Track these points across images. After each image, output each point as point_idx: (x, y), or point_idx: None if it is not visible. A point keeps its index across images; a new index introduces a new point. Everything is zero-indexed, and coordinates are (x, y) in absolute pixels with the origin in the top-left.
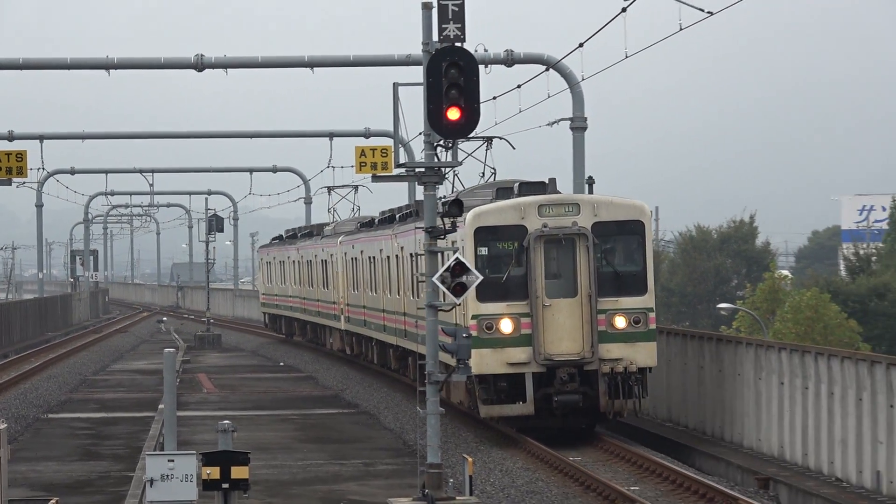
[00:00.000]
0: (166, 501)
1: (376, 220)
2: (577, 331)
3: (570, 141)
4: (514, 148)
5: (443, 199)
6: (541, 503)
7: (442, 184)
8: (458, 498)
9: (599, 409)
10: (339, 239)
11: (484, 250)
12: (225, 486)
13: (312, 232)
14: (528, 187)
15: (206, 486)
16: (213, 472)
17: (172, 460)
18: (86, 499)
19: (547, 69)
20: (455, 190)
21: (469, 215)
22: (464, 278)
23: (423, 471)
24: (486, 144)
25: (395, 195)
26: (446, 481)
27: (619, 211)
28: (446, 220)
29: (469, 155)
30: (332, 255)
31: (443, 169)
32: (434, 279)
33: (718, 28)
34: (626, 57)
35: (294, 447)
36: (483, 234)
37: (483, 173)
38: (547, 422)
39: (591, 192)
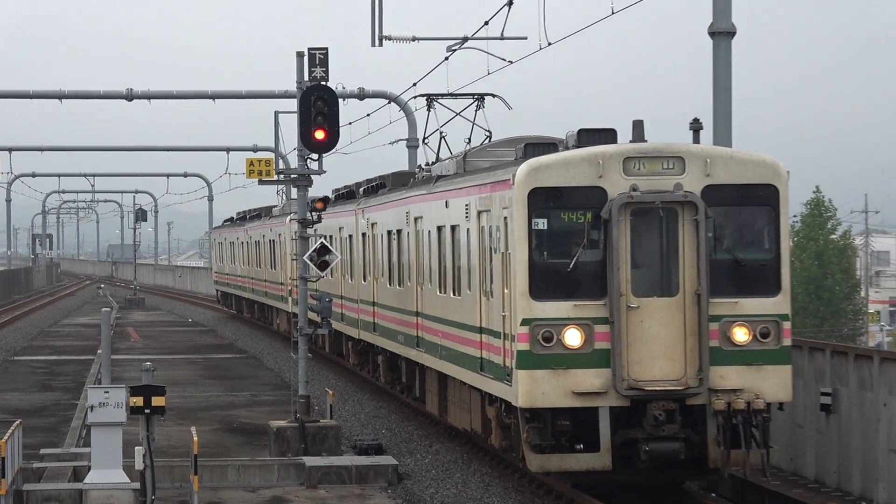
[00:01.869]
0: (103, 422)
1: (332, 197)
2: (677, 346)
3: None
4: (510, 108)
5: (429, 164)
6: None
7: (311, 186)
8: (321, 420)
9: (708, 463)
10: (288, 217)
11: (542, 223)
12: (147, 411)
13: (261, 213)
14: (593, 136)
15: (133, 411)
16: (138, 401)
17: (108, 392)
18: (43, 420)
19: (389, 102)
20: (439, 160)
21: (520, 170)
22: (327, 257)
23: (296, 400)
24: (477, 103)
25: (340, 178)
26: (313, 409)
27: (742, 170)
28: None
29: (457, 114)
30: (280, 234)
31: (312, 175)
32: (304, 258)
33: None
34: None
35: (199, 382)
36: (542, 199)
37: (469, 139)
38: (629, 478)
39: (697, 140)
